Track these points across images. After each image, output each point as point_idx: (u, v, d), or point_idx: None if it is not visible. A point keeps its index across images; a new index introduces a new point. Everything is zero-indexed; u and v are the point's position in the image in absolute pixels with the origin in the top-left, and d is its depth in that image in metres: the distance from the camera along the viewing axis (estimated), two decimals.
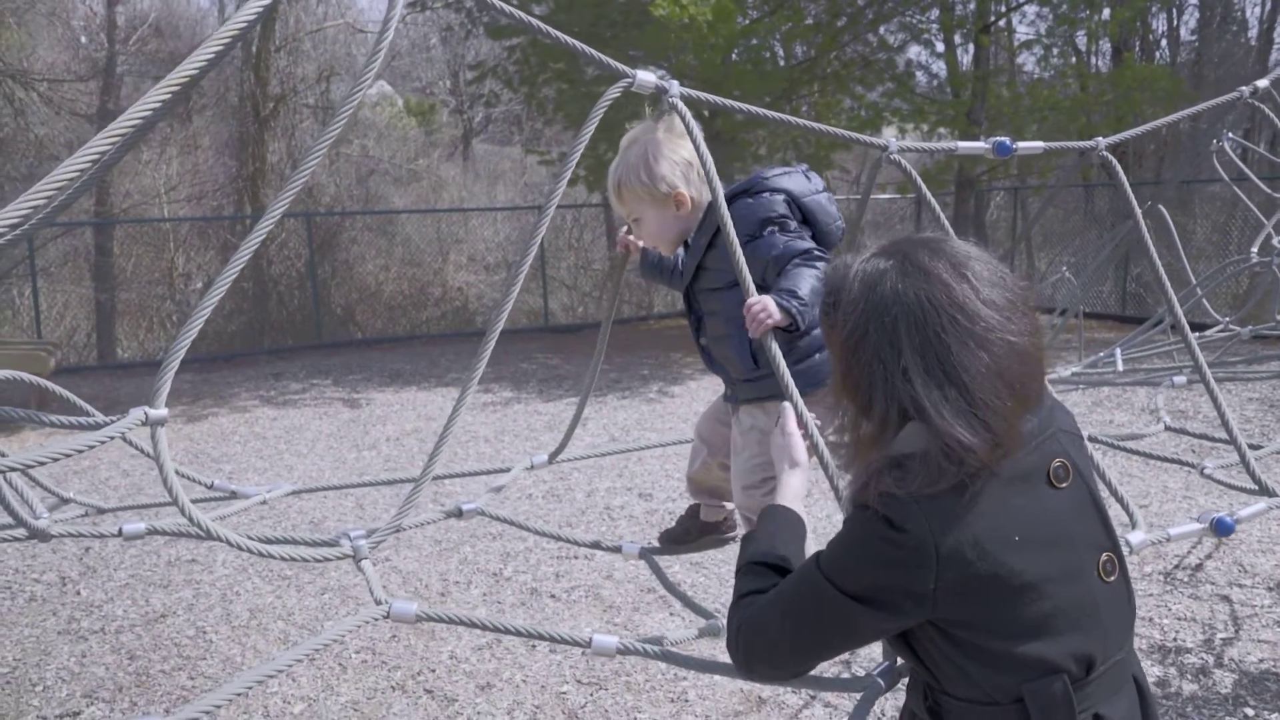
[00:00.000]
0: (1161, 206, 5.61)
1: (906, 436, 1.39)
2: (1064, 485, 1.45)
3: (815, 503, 5.64)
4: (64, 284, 17.14)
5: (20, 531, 2.33)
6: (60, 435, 6.73)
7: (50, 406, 8.32)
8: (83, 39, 21.32)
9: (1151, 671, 4.16)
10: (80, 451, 1.74)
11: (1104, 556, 1.47)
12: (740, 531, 2.92)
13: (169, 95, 1.59)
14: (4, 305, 16.61)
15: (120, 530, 2.47)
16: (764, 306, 2.12)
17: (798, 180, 2.39)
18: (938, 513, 1.36)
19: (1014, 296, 1.42)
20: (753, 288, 2.15)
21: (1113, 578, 1.48)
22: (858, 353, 1.42)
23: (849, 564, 1.42)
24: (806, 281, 2.19)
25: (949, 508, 1.36)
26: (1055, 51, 15.85)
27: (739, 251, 2.14)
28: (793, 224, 2.32)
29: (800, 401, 1.99)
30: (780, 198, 2.32)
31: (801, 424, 1.90)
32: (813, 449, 1.93)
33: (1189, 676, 4.15)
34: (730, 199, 2.32)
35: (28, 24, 18.75)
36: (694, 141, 2.24)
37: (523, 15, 2.21)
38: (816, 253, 2.28)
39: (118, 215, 18.06)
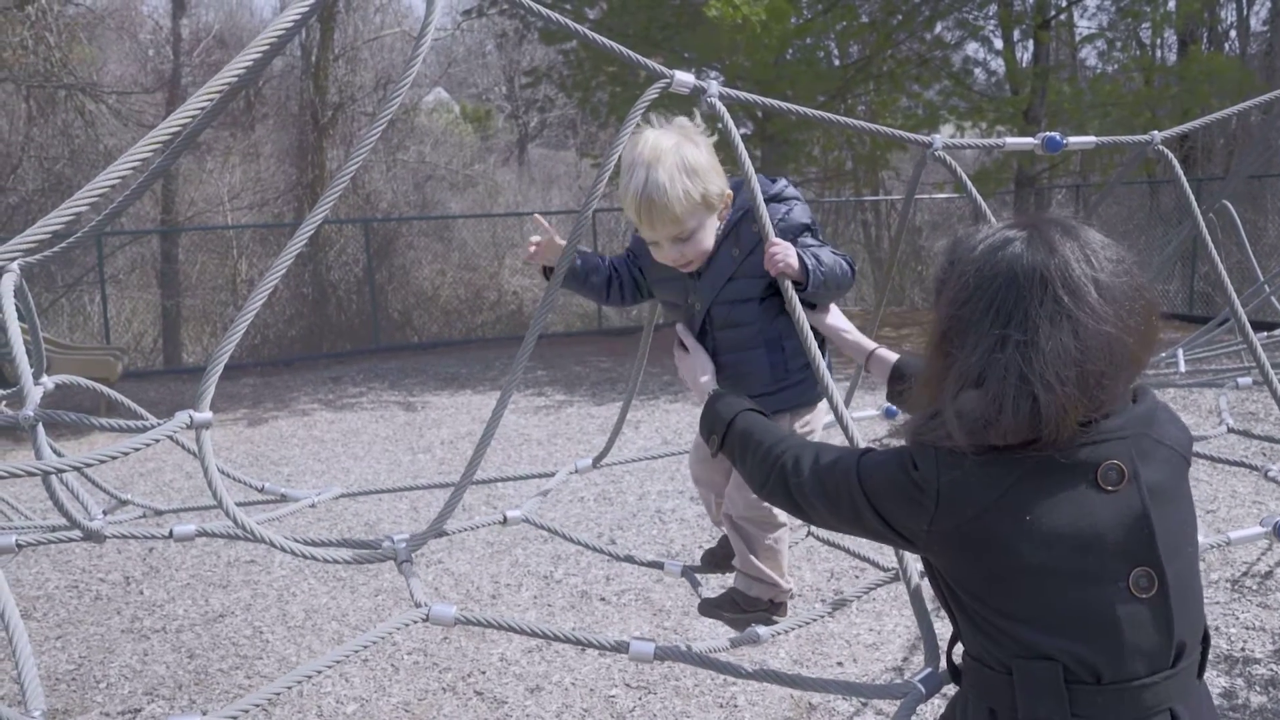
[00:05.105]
0: (1228, 202, 5.43)
1: (969, 396, 1.40)
2: (1111, 489, 1.39)
3: None
4: (132, 291, 17.62)
5: (76, 533, 2.38)
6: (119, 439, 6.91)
7: (117, 411, 8.53)
8: (150, 52, 21.91)
9: (1218, 682, 4.03)
10: (126, 454, 1.77)
11: (1137, 570, 1.39)
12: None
13: (209, 102, 1.61)
14: (75, 311, 17.12)
15: (171, 532, 2.51)
16: (786, 252, 2.09)
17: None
18: (953, 466, 1.41)
19: (1134, 295, 1.39)
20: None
21: (1146, 595, 1.39)
22: (960, 311, 1.43)
23: (877, 478, 1.52)
24: (830, 255, 2.16)
25: (967, 466, 1.40)
26: (1118, 45, 15.47)
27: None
28: (818, 233, 2.26)
29: (840, 401, 1.96)
30: (803, 206, 2.27)
31: (842, 424, 1.88)
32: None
33: (1257, 688, 4.01)
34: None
35: (98, 38, 19.33)
36: (733, 141, 2.20)
37: (562, 19, 2.21)
38: (841, 253, 2.26)
39: (183, 223, 18.51)
